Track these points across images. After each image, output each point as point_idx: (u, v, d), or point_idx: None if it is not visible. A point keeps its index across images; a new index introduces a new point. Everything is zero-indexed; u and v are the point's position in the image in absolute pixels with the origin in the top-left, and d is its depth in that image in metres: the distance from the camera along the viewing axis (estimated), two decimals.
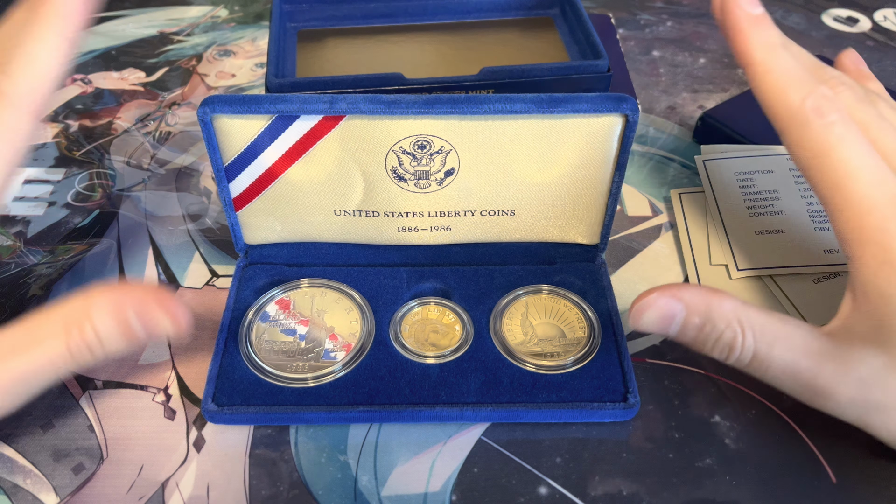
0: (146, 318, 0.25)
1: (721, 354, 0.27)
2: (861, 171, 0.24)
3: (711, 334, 0.26)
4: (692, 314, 0.26)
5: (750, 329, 0.26)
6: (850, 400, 0.25)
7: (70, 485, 0.29)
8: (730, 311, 0.26)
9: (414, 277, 0.35)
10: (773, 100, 0.26)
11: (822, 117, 0.25)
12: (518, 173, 0.33)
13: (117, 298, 0.25)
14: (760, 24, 0.26)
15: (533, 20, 0.48)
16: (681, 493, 0.29)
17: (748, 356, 0.26)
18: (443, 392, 0.31)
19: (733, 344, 0.26)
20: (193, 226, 0.40)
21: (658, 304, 0.26)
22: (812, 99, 0.25)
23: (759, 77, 0.26)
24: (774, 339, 0.26)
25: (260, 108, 0.30)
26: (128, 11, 0.59)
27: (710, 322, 0.26)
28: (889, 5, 0.60)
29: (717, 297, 0.26)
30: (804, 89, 0.25)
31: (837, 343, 0.25)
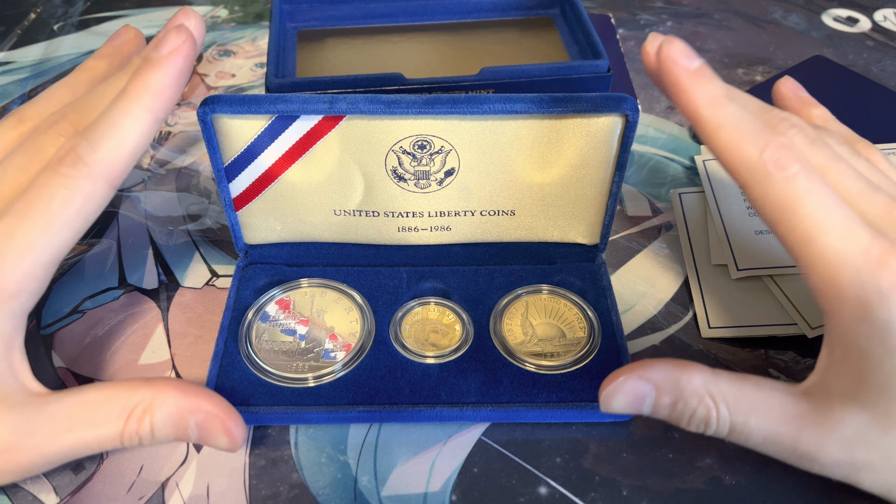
0: (205, 433, 0.26)
1: (698, 429, 0.26)
2: (830, 224, 0.23)
3: (685, 412, 0.26)
4: (662, 394, 0.26)
5: (723, 402, 0.25)
6: (836, 462, 0.24)
7: (70, 485, 0.29)
8: (700, 385, 0.25)
9: (414, 277, 0.35)
10: (730, 156, 0.24)
11: (783, 170, 0.23)
12: (518, 173, 0.33)
13: (183, 405, 0.26)
14: (702, 78, 0.25)
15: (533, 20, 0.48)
16: (681, 493, 0.29)
17: (725, 429, 0.25)
18: (443, 392, 0.31)
19: (708, 419, 0.25)
20: (193, 226, 0.40)
21: (626, 387, 0.26)
22: (770, 151, 0.24)
23: (710, 134, 0.25)
24: (749, 410, 0.25)
25: (260, 108, 0.30)
26: (128, 11, 0.59)
27: (682, 400, 0.25)
28: (889, 5, 0.60)
29: (686, 372, 0.26)
30: (760, 141, 0.24)
31: (816, 403, 0.25)
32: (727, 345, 0.34)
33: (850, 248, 0.23)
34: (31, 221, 0.24)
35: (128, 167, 0.26)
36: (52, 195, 0.24)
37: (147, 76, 0.26)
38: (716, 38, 0.56)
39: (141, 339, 0.34)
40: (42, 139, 0.26)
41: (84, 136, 0.25)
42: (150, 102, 0.25)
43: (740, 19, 0.58)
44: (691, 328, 0.35)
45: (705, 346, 0.34)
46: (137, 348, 0.34)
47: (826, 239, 0.23)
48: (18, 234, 0.24)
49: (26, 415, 0.25)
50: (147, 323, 0.35)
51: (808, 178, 0.23)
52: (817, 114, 0.32)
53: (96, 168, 0.25)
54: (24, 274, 0.24)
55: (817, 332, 0.33)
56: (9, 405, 0.25)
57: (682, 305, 0.36)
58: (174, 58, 0.26)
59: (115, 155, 0.25)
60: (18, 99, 0.49)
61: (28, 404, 0.25)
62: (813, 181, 0.23)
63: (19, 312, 0.25)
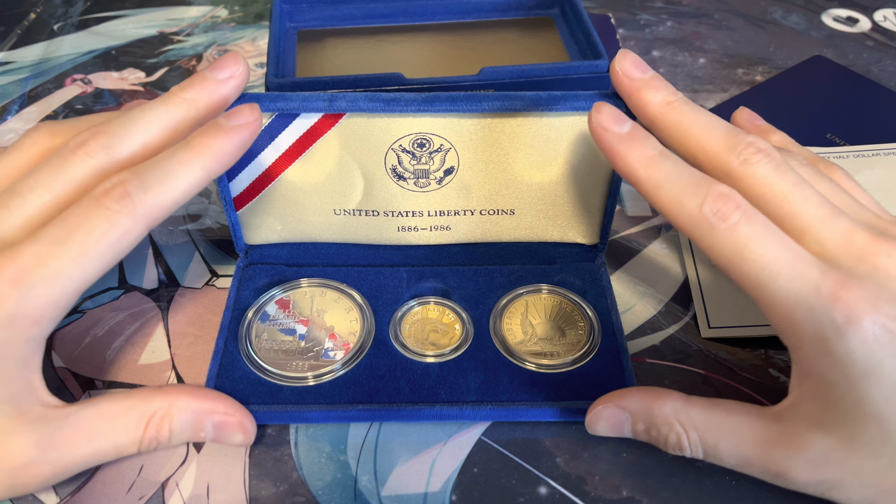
0: (221, 433, 0.28)
1: (675, 452, 0.27)
2: (778, 266, 0.23)
3: (658, 437, 0.27)
4: (636, 421, 0.28)
5: (693, 429, 0.26)
6: (806, 481, 0.25)
7: (70, 485, 0.29)
8: (670, 413, 0.27)
9: (414, 277, 0.35)
10: (672, 213, 0.25)
11: (725, 220, 0.24)
12: (517, 172, 0.33)
13: (199, 409, 0.28)
14: (632, 141, 0.26)
15: (533, 20, 0.48)
16: (681, 493, 0.29)
17: (699, 453, 0.27)
18: (442, 391, 0.31)
19: (680, 444, 0.27)
20: (193, 226, 0.40)
21: (604, 414, 0.28)
22: (709, 203, 0.24)
23: (650, 193, 0.25)
24: (720, 435, 0.26)
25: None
26: (128, 11, 0.59)
27: (654, 427, 0.27)
28: (889, 5, 0.60)
29: (658, 400, 0.27)
30: (699, 195, 0.24)
31: (786, 426, 0.25)
32: (727, 345, 0.34)
33: (801, 287, 0.23)
34: (67, 251, 0.24)
35: (169, 213, 0.26)
36: (91, 228, 0.24)
37: (214, 139, 0.26)
38: (716, 38, 0.56)
39: (141, 339, 0.34)
40: (70, 159, 0.26)
41: (136, 174, 0.25)
42: (209, 163, 0.26)
43: (740, 19, 0.58)
44: (691, 328, 0.35)
45: (705, 346, 0.34)
46: (137, 348, 0.34)
47: (776, 281, 0.23)
48: (52, 261, 0.24)
49: (48, 429, 0.26)
50: (147, 323, 0.35)
51: (750, 223, 0.24)
52: (776, 139, 0.32)
53: (141, 209, 0.25)
54: (50, 302, 0.24)
55: None
56: (30, 421, 0.25)
57: (682, 305, 0.36)
58: (243, 131, 0.27)
59: (161, 200, 0.25)
60: (18, 99, 0.49)
61: (48, 419, 0.26)
62: (755, 225, 0.24)
63: (40, 338, 0.25)
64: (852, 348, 0.23)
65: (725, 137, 0.26)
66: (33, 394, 0.26)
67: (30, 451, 0.25)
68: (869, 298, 0.23)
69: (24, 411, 0.25)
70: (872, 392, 0.23)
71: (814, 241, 0.24)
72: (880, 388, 0.23)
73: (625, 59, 0.28)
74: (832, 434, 0.24)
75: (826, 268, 0.23)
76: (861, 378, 0.23)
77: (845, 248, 0.24)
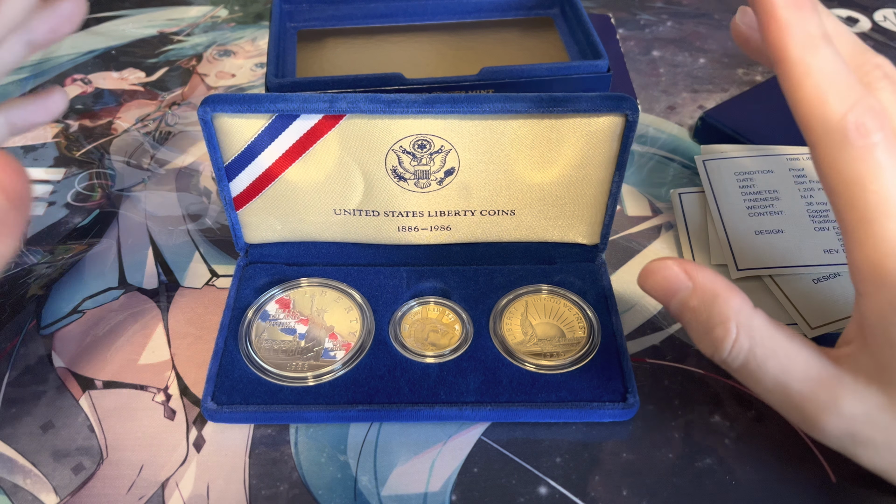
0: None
1: (706, 349, 0.25)
2: (894, 208, 0.22)
3: (705, 325, 0.25)
4: (694, 297, 0.25)
5: (747, 334, 0.24)
6: (836, 430, 0.24)
7: (70, 485, 0.29)
8: (734, 308, 0.25)
9: (414, 277, 0.35)
10: (809, 110, 0.22)
11: (864, 137, 0.21)
12: (518, 173, 0.33)
13: None
14: (802, 11, 0.22)
15: (533, 20, 0.48)
16: (681, 493, 0.29)
17: (738, 360, 0.25)
18: (442, 391, 0.31)
19: (721, 344, 0.25)
20: (193, 226, 0.40)
21: (668, 272, 0.26)
22: (856, 112, 0.21)
23: (794, 80, 0.22)
24: (772, 354, 0.24)
25: (260, 107, 0.31)
26: (128, 11, 0.59)
27: (708, 312, 0.25)
28: (889, 5, 0.60)
29: (728, 290, 0.25)
30: (848, 99, 0.21)
31: (841, 372, 0.24)
32: None
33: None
34: None
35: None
36: None
37: None
38: (716, 38, 0.56)
39: (141, 339, 0.34)
40: None
41: None
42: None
43: None
44: None
45: None
46: (137, 348, 0.34)
47: (886, 222, 0.22)
48: None
49: None
50: (147, 323, 0.35)
51: (888, 151, 0.22)
52: None
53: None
54: None
55: (817, 332, 0.33)
56: None
57: None
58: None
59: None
60: None
61: None
62: (892, 156, 0.22)
63: None
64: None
65: (853, 51, 0.24)
66: None
67: None
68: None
69: None
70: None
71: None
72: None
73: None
74: (885, 394, 0.23)
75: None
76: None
77: None
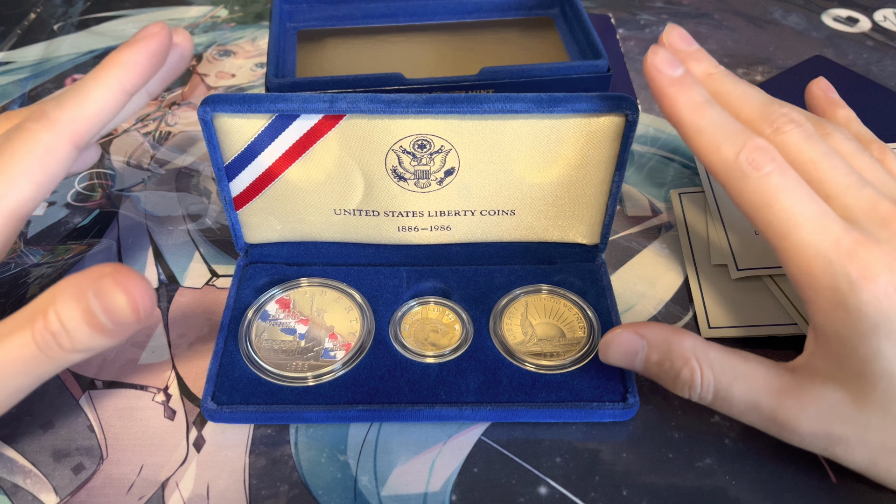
0: (104, 300, 0.22)
1: (682, 392, 0.27)
2: (803, 219, 0.25)
3: (670, 371, 0.27)
4: (652, 351, 0.28)
5: (709, 367, 0.27)
6: (813, 433, 0.26)
7: (70, 485, 0.29)
8: (688, 349, 0.27)
9: (414, 277, 0.35)
10: (709, 157, 0.26)
11: (758, 169, 0.25)
12: (518, 173, 0.33)
13: (79, 283, 0.23)
14: (682, 86, 0.27)
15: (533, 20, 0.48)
16: (681, 493, 0.29)
17: (709, 394, 0.27)
18: (442, 391, 0.31)
19: (692, 382, 0.27)
20: (193, 226, 0.40)
21: (621, 339, 0.28)
22: (745, 152, 0.25)
23: (691, 137, 0.27)
24: (734, 377, 0.26)
25: (260, 107, 0.31)
26: (128, 11, 0.59)
27: (669, 360, 0.27)
28: (889, 5, 0.60)
29: (678, 335, 0.27)
30: (737, 143, 0.25)
31: (799, 379, 0.26)
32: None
33: (822, 240, 0.24)
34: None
35: (93, 129, 0.27)
36: (14, 147, 0.26)
37: (122, 52, 0.28)
38: (716, 38, 0.56)
39: (141, 339, 0.34)
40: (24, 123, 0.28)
41: (54, 97, 0.27)
42: (120, 74, 0.27)
43: (740, 19, 0.58)
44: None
45: None
46: (137, 348, 0.34)
47: (799, 232, 0.25)
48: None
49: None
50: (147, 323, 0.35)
51: (782, 175, 0.25)
52: (842, 114, 0.33)
53: (60, 126, 0.26)
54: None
55: None
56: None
57: (681, 305, 0.36)
58: (149, 41, 0.28)
59: (78, 114, 0.27)
60: (18, 99, 0.49)
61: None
62: (786, 178, 0.25)
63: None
64: (865, 302, 0.24)
65: (760, 107, 0.28)
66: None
67: None
68: (886, 260, 0.24)
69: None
70: (883, 349, 0.24)
71: (840, 206, 0.26)
72: (890, 346, 0.24)
73: (672, 32, 0.30)
74: (843, 389, 0.25)
75: (848, 226, 0.25)
76: (871, 333, 0.24)
77: (869, 214, 0.25)
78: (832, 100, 0.34)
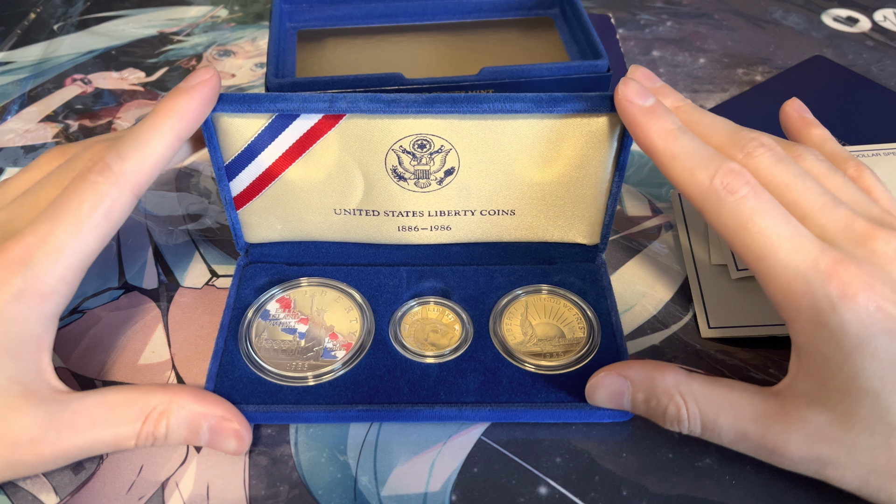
0: (216, 437, 0.28)
1: (672, 427, 0.27)
2: (780, 240, 0.25)
3: (657, 408, 0.28)
4: (637, 390, 0.28)
5: (693, 401, 0.27)
6: (801, 457, 0.26)
7: (70, 485, 0.29)
8: (671, 385, 0.27)
9: (414, 277, 0.35)
10: (684, 183, 0.26)
11: (733, 193, 0.25)
12: (518, 173, 0.33)
13: (198, 410, 0.28)
14: (654, 115, 0.27)
15: (533, 20, 0.48)
16: (681, 493, 0.29)
17: (697, 427, 0.27)
18: (442, 391, 0.31)
19: (679, 417, 0.27)
20: (193, 226, 0.40)
21: (605, 382, 0.29)
22: (720, 177, 0.26)
23: (665, 164, 0.27)
24: (719, 408, 0.27)
25: (260, 107, 0.31)
26: (128, 11, 0.59)
27: (654, 397, 0.27)
28: (889, 5, 0.60)
29: (660, 371, 0.28)
30: (711, 168, 0.26)
31: (784, 403, 0.26)
32: (727, 345, 0.34)
33: (800, 260, 0.24)
34: (62, 226, 0.26)
35: (151, 178, 0.28)
36: (81, 201, 0.26)
37: (175, 99, 0.28)
38: (716, 38, 0.56)
39: (141, 339, 0.34)
40: (77, 160, 0.29)
41: (112, 147, 0.28)
42: (176, 122, 0.28)
43: (740, 19, 0.58)
44: (691, 328, 0.35)
45: (705, 346, 0.34)
46: (137, 348, 0.34)
47: (777, 254, 0.25)
48: (51, 238, 0.26)
49: (52, 410, 0.26)
50: (147, 323, 0.35)
51: (757, 198, 0.25)
52: (817, 133, 0.32)
53: (123, 177, 0.27)
54: (56, 278, 0.26)
55: None
56: (37, 401, 0.26)
57: (681, 305, 0.36)
58: (201, 87, 0.29)
59: (140, 165, 0.27)
60: (18, 99, 0.49)
61: (54, 401, 0.26)
62: (761, 201, 0.25)
63: (50, 315, 0.27)
64: (846, 321, 0.24)
65: (729, 133, 0.28)
66: (41, 374, 0.27)
67: (33, 430, 0.26)
68: (864, 278, 0.24)
69: (33, 391, 0.26)
70: (866, 367, 0.24)
71: (815, 226, 0.26)
72: (874, 364, 0.24)
73: (636, 71, 0.31)
74: (828, 410, 0.25)
75: (825, 246, 0.25)
76: (854, 352, 0.24)
77: (845, 233, 0.25)
78: (806, 120, 0.33)
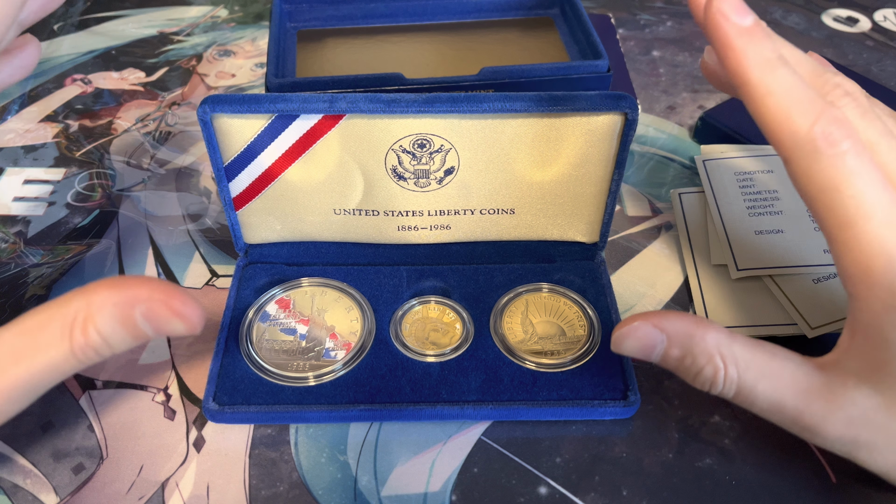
0: (156, 323, 0.23)
1: (703, 387, 0.26)
2: (874, 210, 0.22)
3: (692, 368, 0.26)
4: (672, 346, 0.26)
5: (733, 364, 0.25)
6: (838, 437, 0.24)
7: (70, 485, 0.29)
8: (712, 345, 0.25)
9: (414, 276, 0.35)
10: (776, 126, 0.23)
11: (833, 146, 0.22)
12: (518, 172, 0.33)
13: (121, 300, 0.23)
14: (754, 37, 0.23)
15: (533, 20, 0.48)
16: (681, 493, 0.29)
17: (731, 390, 0.25)
18: (443, 390, 0.31)
19: (714, 379, 0.25)
20: (193, 226, 0.40)
21: (639, 332, 0.26)
22: (821, 124, 0.22)
23: (757, 101, 0.23)
24: (760, 375, 0.25)
25: (260, 108, 0.31)
26: (128, 11, 0.59)
27: (691, 355, 0.25)
28: (889, 5, 0.60)
29: (701, 328, 0.25)
30: (812, 113, 0.22)
31: (829, 379, 0.24)
32: None
33: (890, 235, 0.22)
34: None
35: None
36: None
37: None
38: None
39: None
40: None
41: None
42: None
43: None
44: None
45: None
46: (137, 348, 0.34)
47: (867, 224, 0.22)
48: None
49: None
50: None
51: (858, 157, 0.22)
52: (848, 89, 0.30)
53: None
54: None
55: (817, 332, 0.33)
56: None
57: (681, 305, 0.36)
58: None
59: None
60: (18, 99, 0.49)
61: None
62: (862, 161, 0.22)
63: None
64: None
65: (812, 73, 0.25)
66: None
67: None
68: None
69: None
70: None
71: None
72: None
73: None
74: (878, 394, 0.23)
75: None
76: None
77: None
78: None
